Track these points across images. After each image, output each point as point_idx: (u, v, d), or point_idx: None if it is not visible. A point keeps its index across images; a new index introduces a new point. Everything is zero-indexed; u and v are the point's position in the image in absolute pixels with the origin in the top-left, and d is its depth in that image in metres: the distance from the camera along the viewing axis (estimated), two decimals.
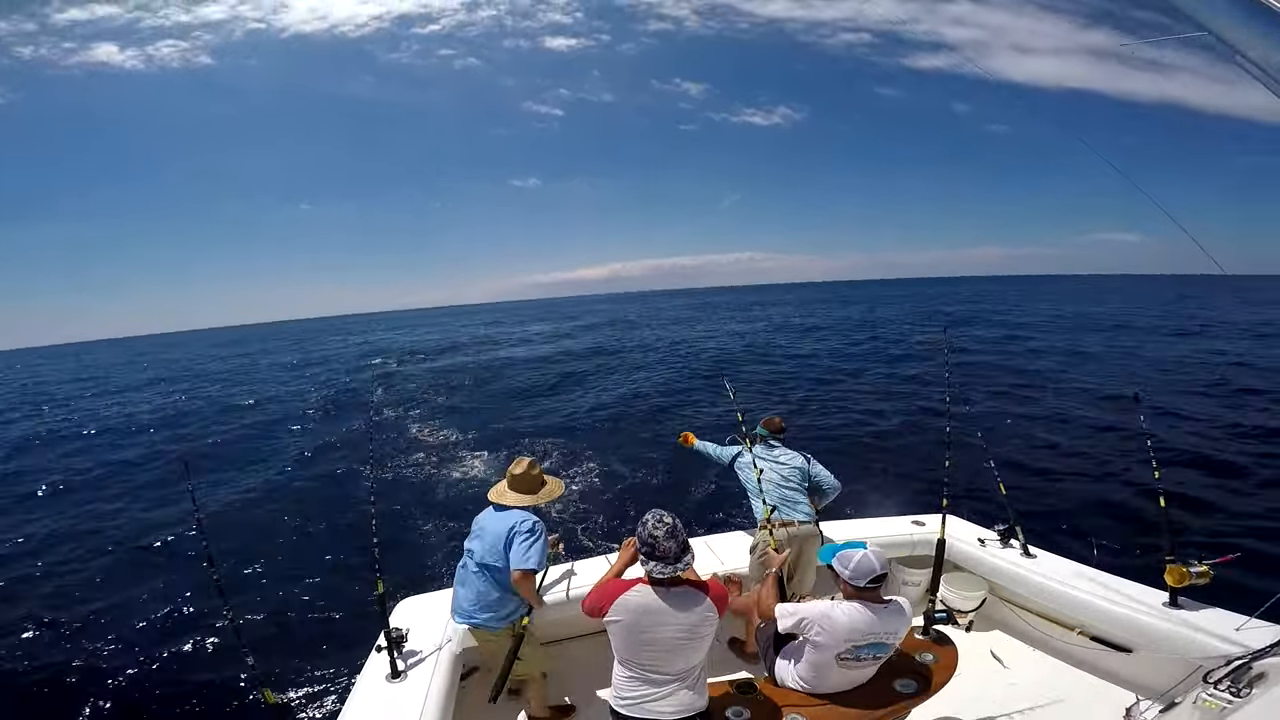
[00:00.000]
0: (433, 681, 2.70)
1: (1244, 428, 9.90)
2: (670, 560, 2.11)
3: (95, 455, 12.52)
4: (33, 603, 6.12)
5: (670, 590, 2.14)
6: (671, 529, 2.14)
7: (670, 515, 2.20)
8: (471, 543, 2.91)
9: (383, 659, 2.79)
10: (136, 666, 4.94)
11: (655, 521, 2.16)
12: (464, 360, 24.45)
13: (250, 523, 7.90)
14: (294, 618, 5.53)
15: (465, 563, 2.91)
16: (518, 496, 2.90)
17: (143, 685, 4.73)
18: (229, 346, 57.93)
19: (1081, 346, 20.54)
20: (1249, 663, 2.40)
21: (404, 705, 2.56)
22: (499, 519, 2.84)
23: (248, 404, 17.70)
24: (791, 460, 3.71)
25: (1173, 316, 32.70)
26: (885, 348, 21.29)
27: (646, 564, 2.14)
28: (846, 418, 11.68)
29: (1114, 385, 13.17)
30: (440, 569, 6.13)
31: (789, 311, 48.30)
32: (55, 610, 5.94)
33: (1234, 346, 19.00)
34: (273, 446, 11.94)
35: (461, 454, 10.41)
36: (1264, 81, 1.57)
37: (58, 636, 5.45)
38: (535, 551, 2.73)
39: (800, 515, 3.51)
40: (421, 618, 3.17)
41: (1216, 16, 1.59)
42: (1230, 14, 1.59)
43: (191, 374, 30.04)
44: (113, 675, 4.84)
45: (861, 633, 2.31)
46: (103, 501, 9.42)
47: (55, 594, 6.32)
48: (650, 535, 2.13)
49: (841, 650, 2.32)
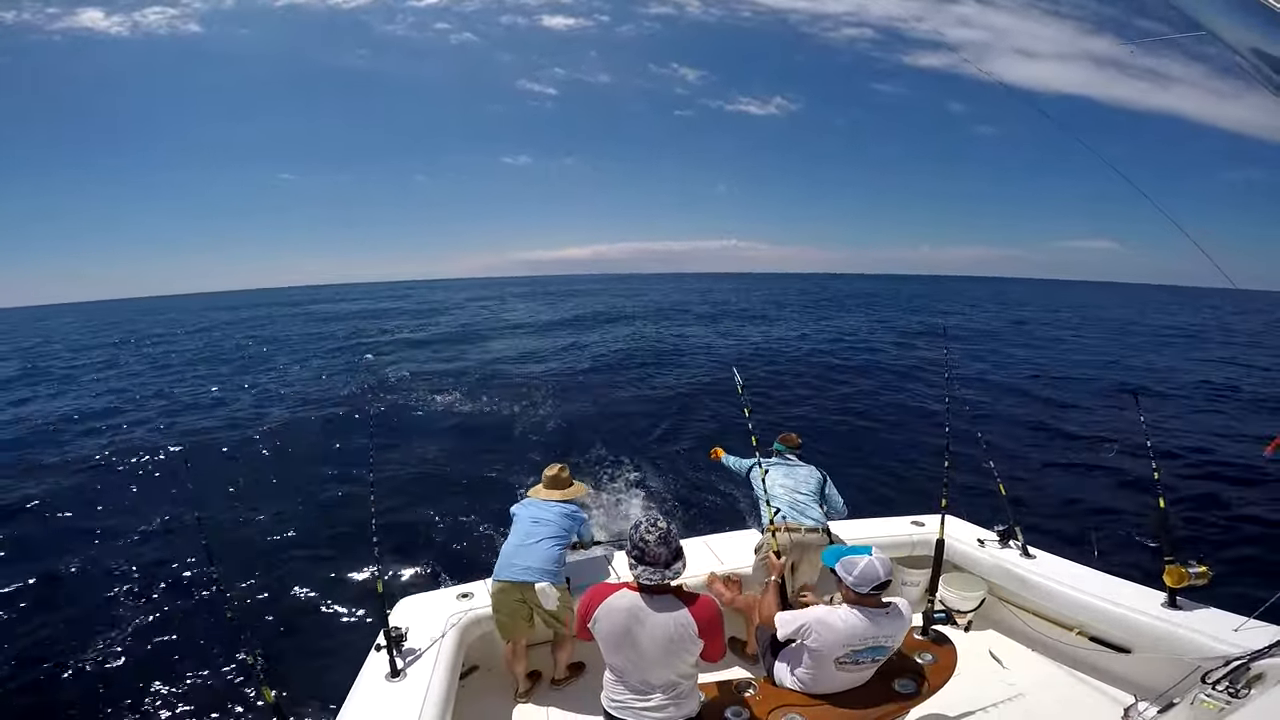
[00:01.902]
0: (432, 681, 2.71)
1: (1244, 428, 9.91)
2: (660, 565, 2.08)
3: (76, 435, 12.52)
4: (30, 602, 6.12)
5: (655, 597, 2.12)
6: (664, 535, 2.10)
7: (665, 521, 2.17)
8: (533, 525, 3.32)
9: (382, 658, 2.79)
10: (135, 665, 4.94)
11: (648, 526, 2.13)
12: (464, 350, 24.35)
13: (250, 520, 7.89)
14: (294, 617, 5.52)
15: (531, 532, 3.27)
16: (547, 493, 3.51)
17: (141, 684, 4.72)
18: (211, 314, 56.71)
19: (1079, 343, 20.63)
20: (1247, 663, 2.41)
21: (403, 704, 2.56)
22: (549, 506, 3.43)
23: (242, 387, 17.61)
24: (807, 474, 3.73)
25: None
26: (881, 349, 21.33)
27: (635, 568, 2.11)
28: (846, 416, 11.70)
29: (1114, 384, 13.18)
30: (441, 569, 6.13)
31: (785, 302, 48.21)
32: (53, 609, 5.94)
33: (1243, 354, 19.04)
34: (271, 443, 11.94)
35: (462, 453, 10.41)
36: (1261, 81, 1.57)
37: (54, 635, 5.45)
38: (589, 529, 3.65)
39: (808, 521, 3.48)
40: (421, 617, 3.18)
41: (1216, 17, 1.59)
42: (1229, 14, 1.59)
43: (178, 348, 29.65)
44: (112, 674, 4.84)
45: (860, 638, 2.31)
46: (101, 500, 9.42)
47: (53, 593, 6.32)
48: (641, 539, 2.10)
49: (839, 655, 2.33)
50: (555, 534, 3.28)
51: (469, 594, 3.41)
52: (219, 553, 6.69)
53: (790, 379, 15.33)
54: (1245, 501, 7.07)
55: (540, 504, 3.45)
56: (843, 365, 17.31)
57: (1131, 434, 8.27)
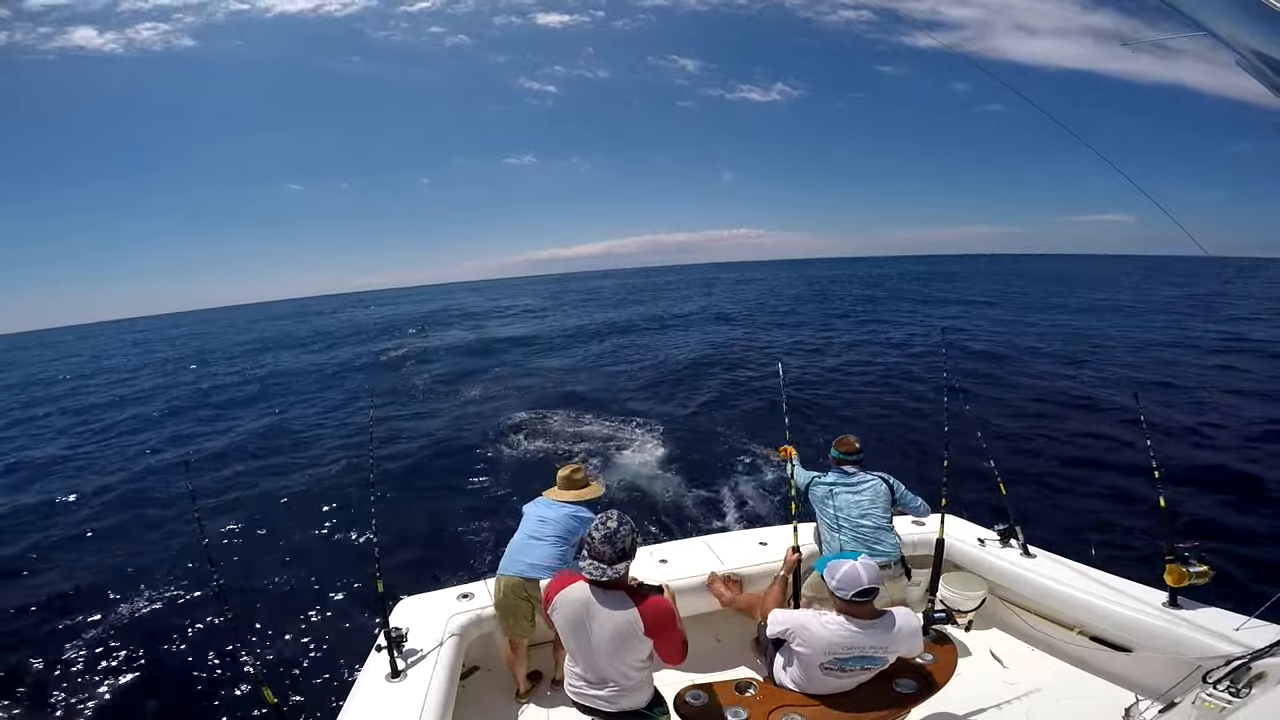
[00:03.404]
0: (432, 681, 2.70)
1: (1244, 428, 9.91)
2: (603, 562, 2.13)
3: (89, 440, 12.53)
4: (28, 601, 6.12)
5: (606, 592, 2.18)
6: (610, 535, 2.13)
7: (618, 519, 2.18)
8: (539, 524, 3.32)
9: (382, 658, 2.79)
10: (135, 666, 4.95)
11: (599, 523, 2.18)
12: (465, 351, 24.32)
13: (250, 521, 7.90)
14: (294, 617, 5.53)
15: (536, 530, 3.29)
16: (559, 494, 3.47)
17: (141, 685, 4.73)
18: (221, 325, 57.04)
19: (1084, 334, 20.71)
20: (1248, 663, 2.41)
21: (404, 704, 2.56)
22: (557, 507, 3.38)
23: (250, 391, 17.65)
24: (872, 486, 3.35)
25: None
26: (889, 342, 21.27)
27: (582, 561, 2.17)
28: (846, 413, 11.69)
29: (1114, 384, 13.17)
30: (441, 569, 6.13)
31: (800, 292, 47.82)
32: (51, 608, 5.94)
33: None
34: (270, 441, 11.94)
35: (463, 453, 10.40)
36: (1263, 82, 1.57)
37: (54, 634, 5.45)
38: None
39: (881, 556, 3.12)
40: (421, 617, 3.17)
41: (1217, 19, 1.59)
42: (1230, 13, 1.59)
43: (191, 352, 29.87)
44: (111, 675, 4.85)
45: (843, 647, 2.29)
46: (101, 497, 9.43)
47: (51, 591, 6.32)
48: (589, 535, 2.17)
49: (823, 661, 2.32)
50: (559, 534, 3.26)
51: (469, 594, 3.41)
52: (219, 553, 6.70)
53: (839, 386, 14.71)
54: (1247, 500, 7.07)
55: (549, 503, 3.44)
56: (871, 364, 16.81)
57: (1132, 432, 8.27)
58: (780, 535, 4.03)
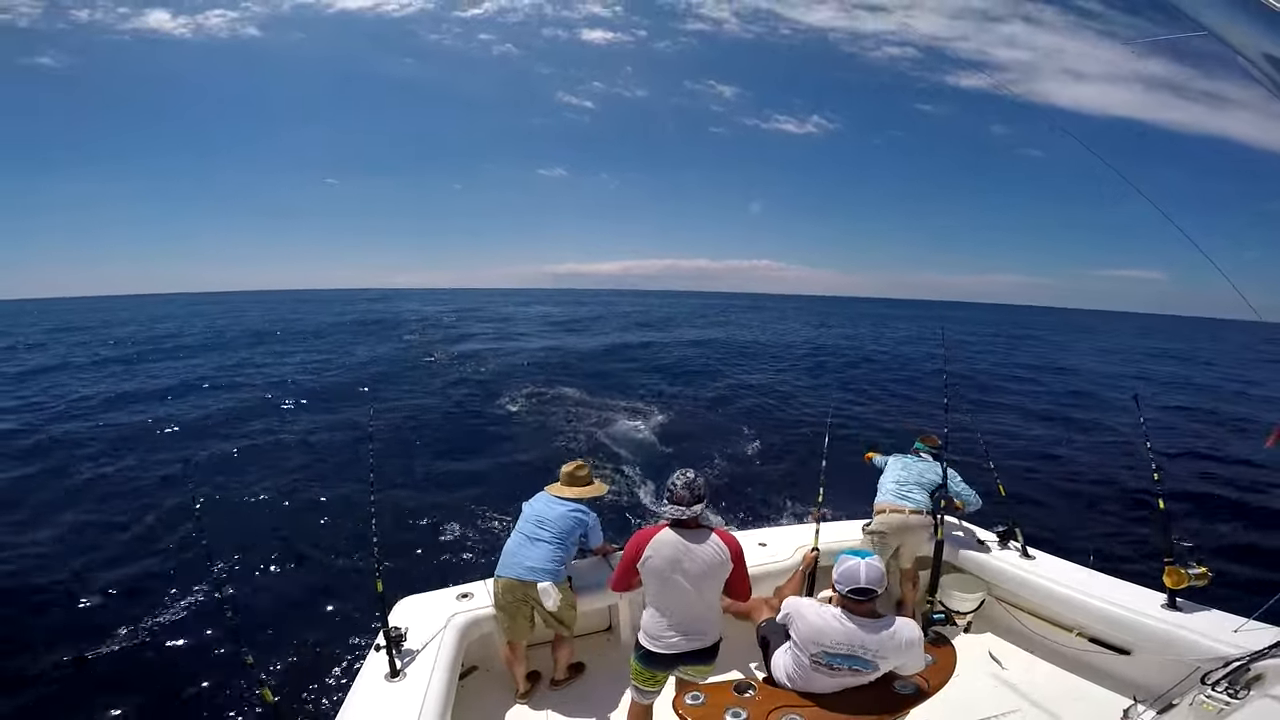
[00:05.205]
0: (431, 681, 2.71)
1: (1246, 427, 9.91)
2: (683, 505, 2.48)
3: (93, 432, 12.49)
4: (27, 600, 6.11)
5: (689, 531, 2.52)
6: (689, 482, 2.51)
7: (694, 472, 2.56)
8: (537, 523, 3.30)
9: (382, 658, 2.79)
10: (134, 665, 4.93)
11: (678, 474, 2.55)
12: (473, 350, 24.30)
13: (249, 521, 7.88)
14: (293, 617, 5.51)
15: (534, 530, 3.28)
16: (560, 490, 3.47)
17: (140, 684, 4.72)
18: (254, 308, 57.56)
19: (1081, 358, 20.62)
20: (1247, 664, 2.41)
21: (403, 705, 2.56)
22: (556, 504, 3.36)
23: (248, 385, 17.61)
24: (926, 468, 3.97)
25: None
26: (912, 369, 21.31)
27: (665, 508, 2.53)
28: (847, 418, 11.71)
29: (1114, 388, 13.18)
30: (440, 568, 6.13)
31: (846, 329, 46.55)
32: (51, 607, 5.93)
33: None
34: (270, 440, 11.92)
35: (463, 452, 10.40)
36: (1271, 89, 1.57)
37: (52, 634, 5.44)
38: (598, 532, 3.49)
39: (909, 504, 3.73)
40: (421, 617, 3.18)
41: (1224, 23, 1.58)
42: (1235, 19, 1.58)
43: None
44: (109, 674, 4.83)
45: (832, 640, 2.29)
46: (101, 497, 9.40)
47: (51, 591, 6.30)
48: (671, 484, 2.54)
49: (813, 651, 2.33)
50: (557, 534, 3.25)
51: (469, 594, 3.41)
52: (219, 553, 6.68)
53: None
54: (1245, 503, 7.08)
55: (549, 502, 3.40)
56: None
57: (1131, 436, 8.28)
58: (780, 536, 4.03)
